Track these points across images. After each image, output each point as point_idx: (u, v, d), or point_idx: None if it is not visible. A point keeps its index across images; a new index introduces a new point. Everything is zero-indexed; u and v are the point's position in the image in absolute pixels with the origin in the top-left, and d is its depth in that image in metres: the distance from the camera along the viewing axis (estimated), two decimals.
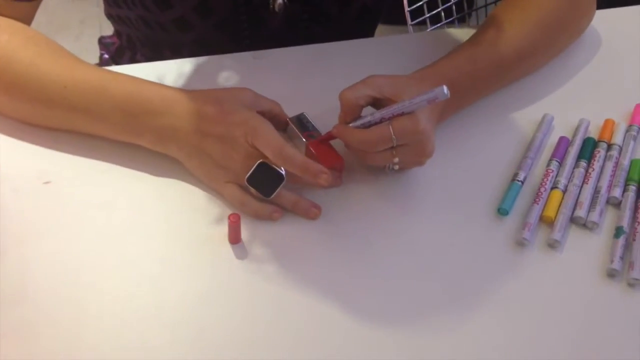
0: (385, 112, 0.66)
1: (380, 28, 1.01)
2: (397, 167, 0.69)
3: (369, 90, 0.67)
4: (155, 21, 0.84)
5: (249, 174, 0.65)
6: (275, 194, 0.66)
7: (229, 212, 0.66)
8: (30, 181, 0.69)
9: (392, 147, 0.66)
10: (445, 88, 0.62)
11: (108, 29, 1.02)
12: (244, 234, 0.66)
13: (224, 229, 0.66)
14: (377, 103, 0.68)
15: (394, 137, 0.64)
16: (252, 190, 0.66)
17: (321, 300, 0.62)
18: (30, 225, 0.66)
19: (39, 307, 0.61)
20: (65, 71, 0.69)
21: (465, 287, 0.64)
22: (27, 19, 0.74)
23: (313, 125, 0.73)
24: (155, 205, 0.68)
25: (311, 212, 0.68)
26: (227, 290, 0.63)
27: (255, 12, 0.83)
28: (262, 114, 0.68)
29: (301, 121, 0.73)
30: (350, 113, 0.68)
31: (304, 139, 0.71)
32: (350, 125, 0.68)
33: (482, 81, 0.76)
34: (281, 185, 0.66)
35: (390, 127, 0.64)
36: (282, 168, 0.65)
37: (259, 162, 0.65)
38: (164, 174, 0.70)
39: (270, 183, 0.66)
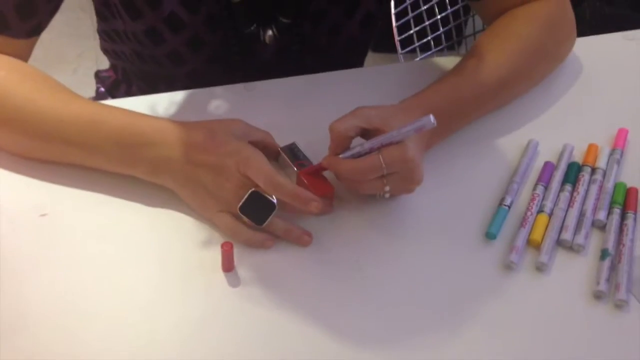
0: (374, 142, 0.67)
1: (372, 56, 1.04)
2: (388, 194, 0.70)
3: (358, 122, 0.69)
4: (149, 55, 0.86)
5: (241, 203, 0.67)
6: (267, 222, 0.67)
7: (222, 240, 0.67)
8: (27, 214, 0.70)
9: (383, 176, 0.67)
10: (432, 117, 0.64)
11: (105, 63, 1.04)
12: (237, 262, 0.67)
13: (217, 258, 0.67)
14: (366, 134, 0.70)
15: (384, 165, 0.66)
16: (245, 218, 0.67)
17: (314, 327, 0.63)
18: (27, 256, 0.67)
19: (36, 337, 0.62)
20: (61, 105, 0.71)
21: (454, 310, 0.65)
22: (24, 56, 0.76)
23: (304, 155, 0.74)
24: (150, 235, 0.70)
25: (303, 240, 0.69)
26: (220, 319, 0.64)
27: (246, 44, 0.85)
28: (254, 144, 0.70)
29: (292, 151, 0.75)
30: (340, 144, 0.69)
31: (295, 168, 0.73)
32: (340, 156, 0.69)
33: (466, 109, 0.78)
34: (273, 214, 0.67)
35: (380, 156, 0.66)
36: (274, 197, 0.67)
37: (251, 191, 0.66)
38: (158, 204, 0.72)
39: (262, 211, 0.67)
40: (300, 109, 0.83)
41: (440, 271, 0.68)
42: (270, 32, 0.84)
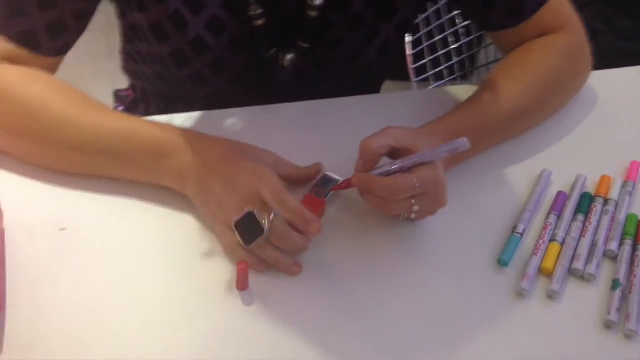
0: (406, 161, 0.68)
1: (385, 83, 1.05)
2: (414, 215, 0.71)
3: (389, 140, 0.70)
4: (172, 77, 0.88)
5: (237, 218, 0.67)
6: (253, 244, 0.67)
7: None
8: (47, 228, 0.72)
9: (413, 196, 0.68)
10: (466, 139, 0.66)
11: (120, 83, 1.05)
12: (252, 281, 0.68)
13: (233, 276, 0.68)
14: (394, 153, 0.71)
15: (417, 185, 0.67)
16: (236, 235, 0.68)
17: (329, 347, 0.64)
18: (45, 270, 0.68)
19: (52, 351, 0.62)
20: (97, 117, 0.73)
21: (465, 336, 0.66)
22: (52, 71, 0.78)
23: (331, 180, 0.76)
24: (167, 251, 0.71)
25: (292, 270, 0.69)
26: (234, 337, 0.65)
27: (266, 68, 0.87)
28: (283, 179, 0.70)
29: (322, 178, 0.76)
30: (370, 161, 0.70)
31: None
32: (369, 173, 0.70)
33: (483, 136, 0.80)
34: (259, 238, 0.67)
35: (414, 176, 0.67)
36: (266, 224, 0.67)
37: (248, 210, 0.67)
38: (176, 221, 0.73)
39: (252, 233, 0.67)
40: (316, 134, 0.84)
41: (451, 296, 0.69)
42: (289, 57, 0.86)
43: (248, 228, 0.67)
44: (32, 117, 0.72)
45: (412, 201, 0.68)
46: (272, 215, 0.66)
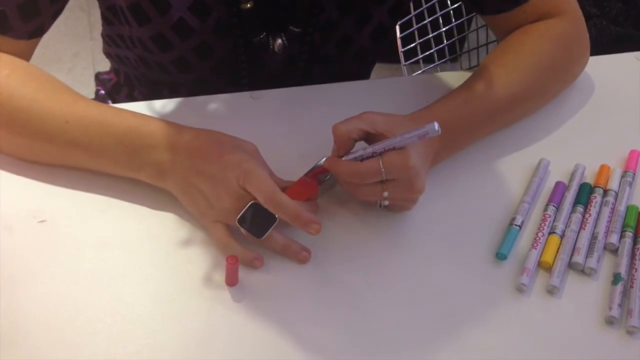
0: (376, 147, 0.66)
1: (376, 66, 1.02)
2: (386, 202, 0.69)
3: (362, 125, 0.68)
4: (155, 62, 0.84)
5: (240, 215, 0.65)
6: (266, 234, 0.65)
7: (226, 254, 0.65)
8: (25, 220, 0.68)
9: (382, 182, 0.66)
10: (436, 124, 0.63)
11: (101, 63, 1.02)
12: (242, 276, 0.65)
13: (221, 271, 0.65)
14: (370, 138, 0.69)
15: (383, 170, 0.65)
16: (243, 230, 0.65)
17: (319, 343, 0.62)
18: (24, 264, 0.65)
19: (33, 349, 0.59)
20: (66, 106, 0.69)
21: (463, 331, 0.64)
22: (25, 57, 0.74)
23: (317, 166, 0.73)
24: (152, 245, 0.68)
25: (301, 255, 0.67)
26: (223, 333, 0.62)
27: (255, 53, 0.84)
28: None
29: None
30: (342, 146, 0.68)
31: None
32: (343, 158, 0.68)
33: (476, 124, 0.77)
34: (273, 226, 0.65)
35: (380, 161, 0.65)
36: None
37: (251, 202, 0.65)
38: (161, 214, 0.70)
39: (261, 224, 0.65)
40: (305, 119, 0.82)
41: (448, 292, 0.67)
42: (279, 41, 0.82)
43: (254, 220, 0.65)
44: None
45: (382, 186, 0.66)
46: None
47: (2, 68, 0.70)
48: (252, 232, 0.65)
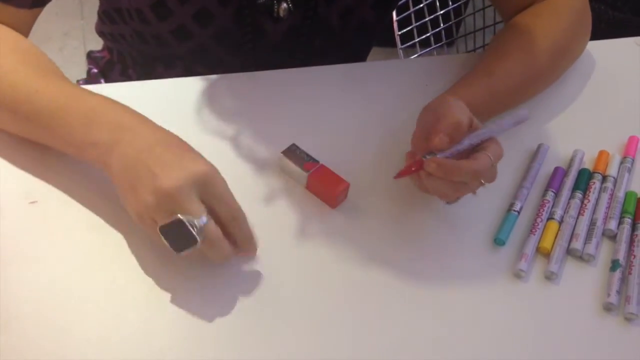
0: (472, 138, 0.65)
1: (372, 50, 1.01)
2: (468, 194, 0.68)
3: (469, 112, 0.67)
4: (152, 34, 0.82)
5: (163, 224, 0.59)
6: (184, 253, 0.60)
7: None
8: (16, 201, 0.67)
9: None
10: (527, 111, 0.66)
11: (93, 42, 1.00)
12: (237, 275, 0.64)
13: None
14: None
15: (494, 164, 0.64)
16: (163, 239, 0.60)
17: (316, 333, 0.61)
18: (15, 246, 0.64)
19: (24, 332, 0.58)
20: (38, 81, 0.66)
21: (460, 317, 0.63)
22: (26, 28, 0.73)
23: (308, 155, 0.71)
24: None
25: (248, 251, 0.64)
26: (217, 317, 0.61)
27: (258, 19, 0.81)
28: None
29: (294, 153, 0.71)
30: (456, 139, 0.64)
31: (304, 172, 0.70)
32: (439, 155, 0.64)
33: (494, 106, 0.77)
34: (193, 248, 0.59)
35: (489, 154, 0.64)
36: (198, 233, 0.58)
37: (177, 217, 0.58)
38: None
39: (182, 241, 0.59)
40: (300, 102, 0.80)
41: (447, 277, 0.66)
42: (284, 5, 0.80)
43: (177, 235, 0.59)
44: None
45: (482, 180, 0.65)
46: (203, 220, 0.59)
47: None
48: (172, 244, 0.59)
